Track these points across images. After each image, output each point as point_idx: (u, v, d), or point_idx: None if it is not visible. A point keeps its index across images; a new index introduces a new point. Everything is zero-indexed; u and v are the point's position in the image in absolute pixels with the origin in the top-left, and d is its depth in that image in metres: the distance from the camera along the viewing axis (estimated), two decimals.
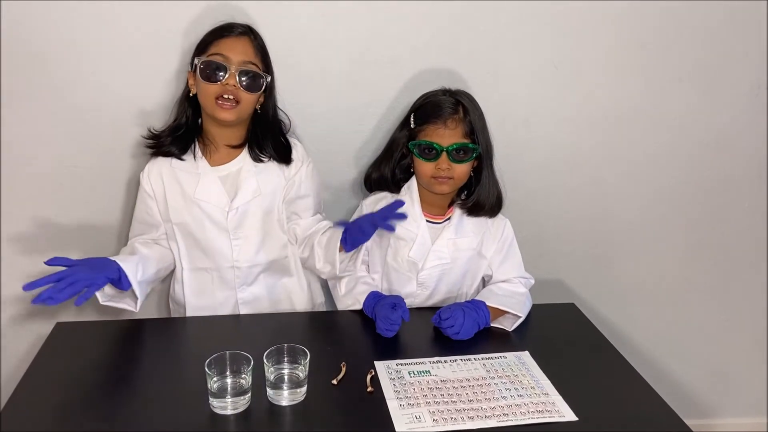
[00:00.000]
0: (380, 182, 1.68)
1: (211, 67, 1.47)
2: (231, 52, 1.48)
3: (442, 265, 1.63)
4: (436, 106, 1.55)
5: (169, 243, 1.63)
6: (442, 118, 1.53)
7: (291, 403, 1.23)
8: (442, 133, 1.52)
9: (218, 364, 1.23)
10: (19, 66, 1.63)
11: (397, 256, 1.64)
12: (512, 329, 1.55)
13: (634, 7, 1.78)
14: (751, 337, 2.22)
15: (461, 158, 1.54)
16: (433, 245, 1.62)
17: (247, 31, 1.52)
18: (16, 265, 1.79)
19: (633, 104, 1.89)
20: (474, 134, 1.54)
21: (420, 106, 1.60)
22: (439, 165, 1.53)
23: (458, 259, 1.64)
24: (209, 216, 1.57)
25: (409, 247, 1.62)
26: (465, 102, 1.55)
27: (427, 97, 1.60)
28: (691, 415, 1.38)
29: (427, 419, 1.20)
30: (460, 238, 1.63)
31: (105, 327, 1.56)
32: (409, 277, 1.64)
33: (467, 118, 1.53)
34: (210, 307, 1.64)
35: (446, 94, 1.57)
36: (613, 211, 2.02)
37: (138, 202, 1.62)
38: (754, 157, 2.00)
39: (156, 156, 1.59)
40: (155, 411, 1.22)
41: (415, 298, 1.66)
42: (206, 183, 1.57)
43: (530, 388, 1.31)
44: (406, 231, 1.61)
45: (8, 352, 1.86)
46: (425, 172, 1.57)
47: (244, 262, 1.61)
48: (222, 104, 1.48)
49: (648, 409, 1.28)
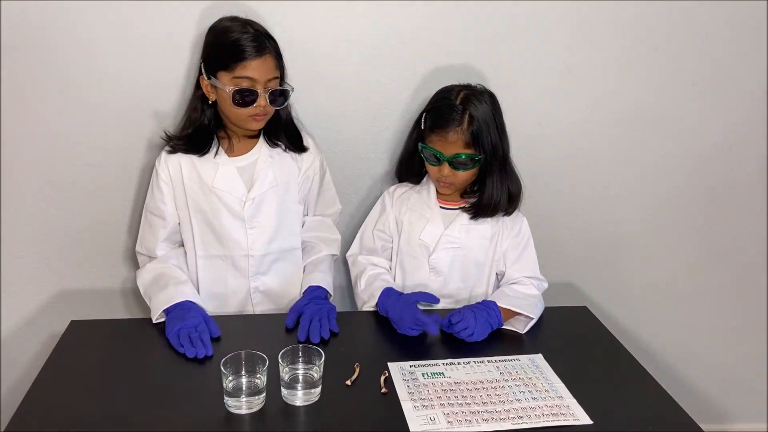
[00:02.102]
0: (407, 172, 1.72)
1: (243, 95, 1.49)
2: (258, 73, 1.49)
3: (453, 249, 1.64)
4: (443, 115, 1.54)
5: (183, 232, 1.64)
6: (445, 129, 1.53)
7: (305, 403, 1.24)
8: (444, 144, 1.54)
9: (233, 363, 1.23)
10: (29, 63, 1.63)
11: (410, 240, 1.67)
12: (524, 331, 1.55)
13: (647, 10, 1.78)
14: (764, 340, 2.21)
15: (462, 167, 1.56)
16: (446, 229, 1.64)
17: (269, 46, 1.52)
18: (26, 263, 1.80)
19: (646, 107, 1.89)
20: (478, 143, 1.54)
21: (431, 108, 1.60)
22: (442, 171, 1.57)
23: (471, 247, 1.65)
24: (226, 205, 1.60)
25: (421, 229, 1.65)
26: (473, 110, 1.53)
27: (438, 98, 1.60)
28: (705, 419, 1.37)
29: (441, 421, 1.20)
30: (474, 225, 1.65)
31: (119, 325, 1.58)
32: (421, 261, 1.66)
33: (471, 129, 1.52)
34: (222, 294, 1.66)
35: (458, 98, 1.55)
36: (625, 214, 2.01)
37: (152, 190, 1.62)
38: (765, 159, 1.99)
39: (175, 153, 1.60)
40: (170, 410, 1.22)
41: (428, 285, 1.67)
42: (225, 173, 1.59)
43: (544, 391, 1.31)
44: (420, 215, 1.66)
45: (23, 351, 1.87)
46: (431, 173, 1.63)
47: (258, 251, 1.64)
48: (255, 118, 1.53)
49: (663, 413, 1.28)
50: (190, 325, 1.43)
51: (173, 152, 1.59)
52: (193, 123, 1.59)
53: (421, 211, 1.67)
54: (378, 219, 1.72)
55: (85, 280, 1.83)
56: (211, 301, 1.64)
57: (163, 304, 1.50)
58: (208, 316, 1.50)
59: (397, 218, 1.70)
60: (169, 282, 1.56)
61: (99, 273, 1.83)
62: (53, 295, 1.84)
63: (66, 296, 1.84)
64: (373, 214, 1.75)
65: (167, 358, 1.39)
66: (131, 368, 1.35)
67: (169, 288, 1.54)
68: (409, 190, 1.72)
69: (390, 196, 1.73)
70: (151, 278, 1.59)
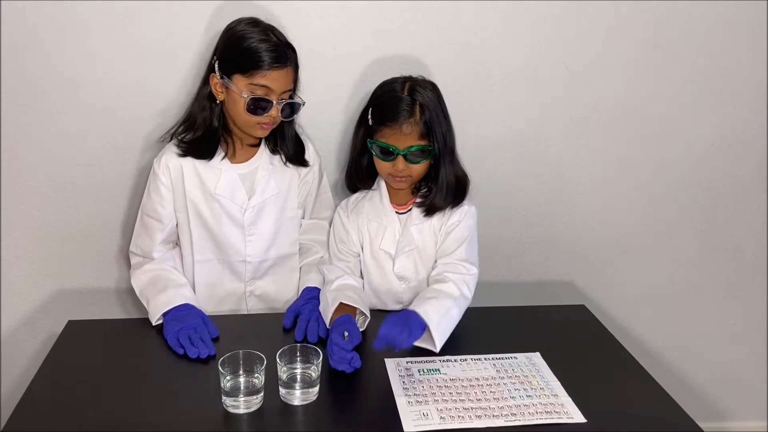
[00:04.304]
0: (357, 177, 1.66)
1: (257, 103, 1.48)
2: (276, 84, 1.48)
3: (411, 250, 1.61)
4: (393, 107, 1.50)
5: (180, 233, 1.64)
6: (398, 122, 1.49)
7: (303, 402, 1.25)
8: (398, 136, 1.49)
9: (231, 363, 1.24)
10: (27, 64, 1.64)
11: (372, 251, 1.63)
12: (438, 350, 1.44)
13: (645, 9, 1.78)
14: (762, 339, 2.21)
15: (417, 159, 1.52)
16: (402, 234, 1.61)
17: (291, 57, 1.51)
18: (24, 263, 1.81)
19: (643, 105, 1.90)
20: (431, 133, 1.51)
21: (377, 103, 1.55)
22: (396, 165, 1.52)
23: (427, 245, 1.61)
24: (227, 211, 1.60)
25: (381, 237, 1.62)
26: (422, 99, 1.50)
27: (383, 91, 1.55)
28: (702, 418, 1.37)
29: (434, 417, 1.21)
30: (426, 222, 1.60)
31: (117, 325, 1.59)
32: (386, 270, 1.62)
33: (423, 118, 1.49)
34: (218, 297, 1.67)
35: (404, 89, 1.51)
36: (623, 212, 2.02)
37: (150, 193, 1.60)
38: (764, 158, 2.00)
39: (185, 156, 1.57)
40: (168, 410, 1.23)
41: (402, 296, 1.64)
42: (227, 180, 1.59)
43: (539, 389, 1.32)
44: (378, 225, 1.62)
45: (21, 350, 1.88)
46: (383, 170, 1.56)
47: (255, 257, 1.64)
48: (262, 126, 1.53)
49: (659, 411, 1.29)
50: (190, 327, 1.44)
51: (183, 156, 1.56)
52: (202, 124, 1.56)
53: (378, 219, 1.62)
54: (338, 237, 1.68)
55: (83, 280, 1.84)
56: (205, 302, 1.65)
57: (162, 306, 1.50)
58: (206, 316, 1.51)
59: (359, 228, 1.65)
60: (168, 285, 1.56)
61: (97, 273, 1.84)
62: (51, 295, 1.85)
63: (64, 296, 1.85)
64: (333, 232, 1.70)
65: (165, 358, 1.40)
66: (129, 368, 1.36)
67: (168, 290, 1.54)
68: (362, 200, 1.66)
69: (344, 211, 1.67)
70: (148, 279, 1.59)
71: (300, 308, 1.55)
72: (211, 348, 1.39)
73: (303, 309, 1.54)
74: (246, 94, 1.47)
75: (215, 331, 1.47)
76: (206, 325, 1.47)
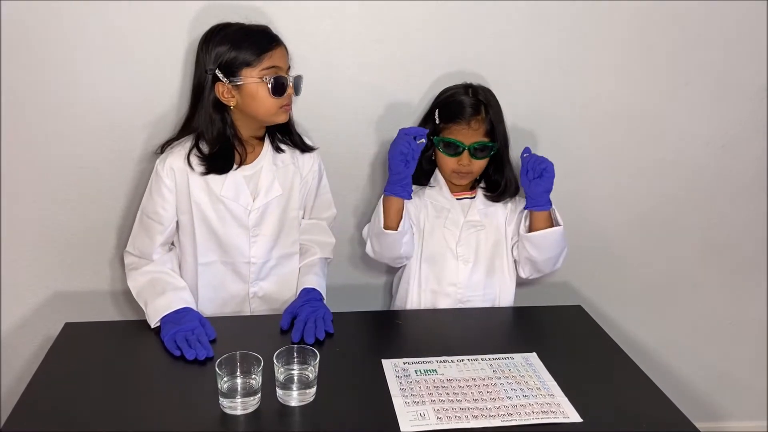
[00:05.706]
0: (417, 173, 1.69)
1: (279, 82, 1.50)
2: (282, 61, 1.53)
3: (476, 231, 1.70)
4: (460, 106, 1.63)
5: (181, 236, 1.64)
6: (465, 119, 1.62)
7: (300, 403, 1.25)
8: (466, 132, 1.62)
9: (228, 364, 1.24)
10: (24, 67, 1.65)
11: (434, 232, 1.72)
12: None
13: (642, 10, 1.79)
14: (760, 340, 2.21)
15: (481, 155, 1.64)
16: (466, 216, 1.71)
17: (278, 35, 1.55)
18: (20, 266, 1.81)
19: (640, 106, 1.90)
20: (494, 132, 1.64)
21: (444, 104, 1.67)
22: (461, 161, 1.64)
23: (489, 224, 1.72)
24: (232, 213, 1.60)
25: (445, 218, 1.71)
26: (485, 101, 1.64)
27: (450, 94, 1.67)
28: (698, 418, 1.38)
29: (431, 417, 1.22)
30: (491, 209, 1.73)
31: (114, 327, 1.59)
32: (446, 251, 1.70)
33: (488, 117, 1.63)
34: (221, 299, 1.67)
35: (468, 93, 1.65)
36: (620, 213, 2.02)
37: (152, 194, 1.58)
38: (761, 159, 2.00)
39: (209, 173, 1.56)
40: (165, 411, 1.23)
41: (458, 278, 1.70)
42: (232, 182, 1.59)
43: (536, 389, 1.32)
44: (440, 207, 1.72)
45: (17, 353, 1.88)
46: (447, 166, 1.67)
47: (259, 258, 1.65)
48: (284, 108, 1.56)
49: (655, 411, 1.29)
50: (187, 329, 1.44)
51: (206, 174, 1.55)
52: (217, 137, 1.54)
53: (441, 203, 1.72)
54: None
55: (80, 282, 1.85)
56: (208, 304, 1.65)
57: (162, 310, 1.50)
58: (204, 318, 1.51)
59: (417, 208, 1.73)
60: (166, 288, 1.56)
61: (94, 276, 1.84)
62: (48, 298, 1.85)
63: (60, 299, 1.85)
64: None
65: (162, 360, 1.40)
66: (126, 370, 1.36)
67: (167, 294, 1.54)
68: (421, 189, 1.75)
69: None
70: (147, 281, 1.59)
71: (298, 309, 1.55)
72: (208, 350, 1.39)
73: (301, 310, 1.54)
74: (267, 77, 1.49)
75: (212, 333, 1.47)
76: (203, 326, 1.47)
